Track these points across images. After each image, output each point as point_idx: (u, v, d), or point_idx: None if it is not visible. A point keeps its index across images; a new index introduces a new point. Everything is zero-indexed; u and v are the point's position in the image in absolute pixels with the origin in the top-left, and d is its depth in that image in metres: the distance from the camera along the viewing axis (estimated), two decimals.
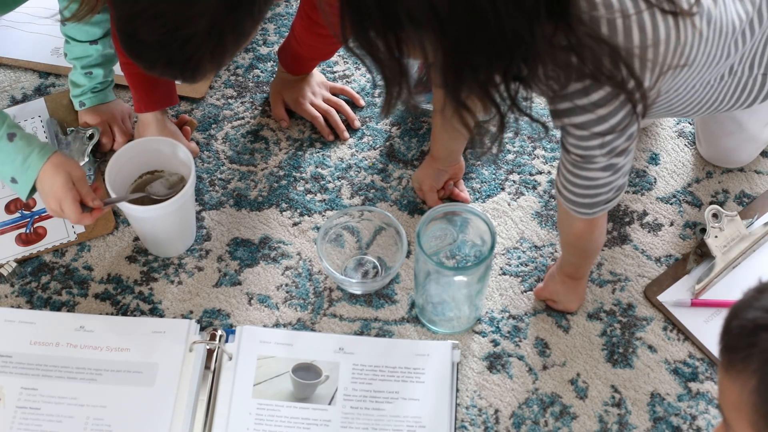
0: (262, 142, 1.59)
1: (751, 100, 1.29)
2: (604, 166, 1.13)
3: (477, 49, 0.94)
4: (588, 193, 1.17)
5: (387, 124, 1.62)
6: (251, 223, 1.49)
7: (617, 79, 1.02)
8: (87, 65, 1.49)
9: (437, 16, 0.91)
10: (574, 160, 1.14)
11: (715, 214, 1.42)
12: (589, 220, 1.22)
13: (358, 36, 0.96)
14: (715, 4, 1.11)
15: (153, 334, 1.34)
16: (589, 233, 1.26)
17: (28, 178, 1.30)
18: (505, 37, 0.93)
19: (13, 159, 1.30)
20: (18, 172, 1.31)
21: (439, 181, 1.49)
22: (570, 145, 1.12)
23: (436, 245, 1.37)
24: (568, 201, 1.20)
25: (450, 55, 0.95)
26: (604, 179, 1.15)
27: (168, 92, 1.49)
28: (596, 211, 1.20)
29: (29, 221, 1.48)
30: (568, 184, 1.18)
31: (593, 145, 1.10)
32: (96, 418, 1.27)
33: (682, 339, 1.38)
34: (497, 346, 1.37)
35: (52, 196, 1.30)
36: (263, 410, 1.28)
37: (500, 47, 0.94)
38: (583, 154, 1.12)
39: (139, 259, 1.45)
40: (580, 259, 1.34)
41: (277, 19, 1.76)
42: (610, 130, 1.07)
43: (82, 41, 1.46)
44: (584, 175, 1.15)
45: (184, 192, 1.34)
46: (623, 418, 1.31)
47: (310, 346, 1.35)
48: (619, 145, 1.10)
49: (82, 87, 1.52)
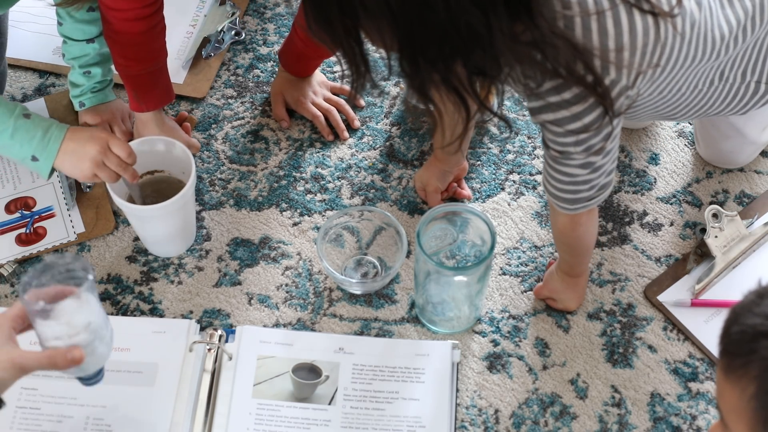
0: (262, 142, 1.59)
1: (744, 106, 1.29)
2: (582, 163, 1.14)
3: (430, 40, 0.94)
4: (568, 188, 1.18)
5: (387, 124, 1.62)
6: (251, 223, 1.49)
7: (584, 79, 1.02)
8: (85, 64, 1.49)
9: (389, 6, 0.92)
10: (553, 156, 1.15)
11: (715, 214, 1.42)
12: (571, 216, 1.23)
13: (318, 23, 0.97)
14: (699, 8, 1.11)
15: (153, 334, 1.34)
16: (572, 229, 1.26)
17: (51, 151, 1.31)
18: (459, 29, 0.92)
19: (33, 135, 1.30)
20: (39, 147, 1.31)
21: (445, 183, 1.49)
22: (548, 141, 1.13)
23: (436, 245, 1.37)
24: (551, 195, 1.22)
25: (405, 46, 0.96)
26: (583, 176, 1.16)
27: (166, 89, 1.49)
28: (578, 207, 1.21)
29: (29, 221, 1.47)
30: (550, 178, 1.19)
31: (568, 142, 1.11)
32: (96, 418, 1.27)
33: (682, 339, 1.38)
34: (497, 346, 1.37)
35: (95, 138, 1.31)
36: (263, 410, 1.28)
37: (455, 40, 0.94)
38: (560, 150, 1.13)
39: (139, 259, 1.45)
40: (570, 256, 1.34)
41: (277, 19, 1.76)
42: (583, 128, 1.08)
43: (79, 40, 1.46)
44: (563, 171, 1.16)
45: (185, 192, 1.34)
46: (623, 418, 1.31)
47: (310, 346, 1.35)
48: (595, 143, 1.11)
49: (81, 87, 1.52)
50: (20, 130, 1.31)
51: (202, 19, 1.72)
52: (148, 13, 1.36)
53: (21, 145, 1.31)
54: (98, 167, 1.33)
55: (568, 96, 1.05)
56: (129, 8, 1.34)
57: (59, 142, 1.32)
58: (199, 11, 1.74)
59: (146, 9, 1.35)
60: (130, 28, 1.37)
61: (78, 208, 1.48)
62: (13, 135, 1.31)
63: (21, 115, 1.31)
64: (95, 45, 1.47)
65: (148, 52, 1.42)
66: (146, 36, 1.39)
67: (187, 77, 1.65)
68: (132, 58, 1.41)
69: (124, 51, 1.40)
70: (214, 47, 1.67)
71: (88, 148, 1.32)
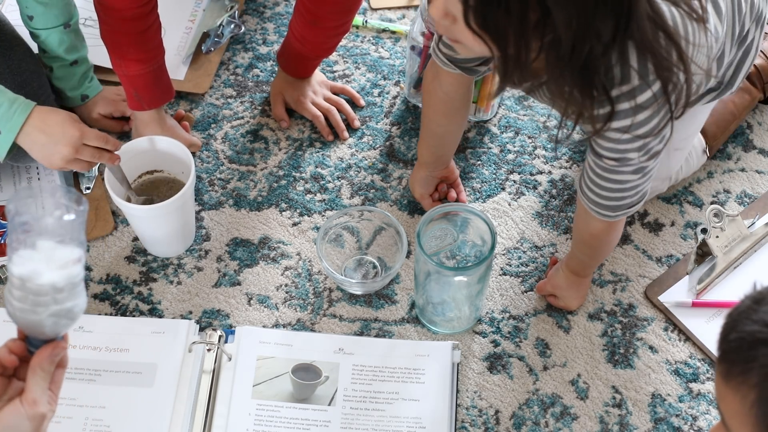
0: (262, 141, 1.59)
1: None
2: (636, 168, 1.13)
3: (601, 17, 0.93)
4: (614, 196, 1.17)
5: (387, 123, 1.61)
6: (251, 223, 1.49)
7: (672, 76, 1.02)
8: (71, 49, 1.47)
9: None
10: (606, 165, 1.13)
11: (717, 214, 1.42)
12: (608, 223, 1.22)
13: (487, 14, 0.94)
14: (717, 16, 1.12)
15: (152, 334, 1.34)
16: (606, 234, 1.25)
17: (15, 123, 1.25)
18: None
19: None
20: (2, 119, 1.25)
21: (429, 187, 1.49)
22: (604, 150, 1.11)
23: (436, 245, 1.36)
24: (591, 203, 1.20)
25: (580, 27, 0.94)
26: (633, 182, 1.15)
27: (166, 87, 1.49)
28: (619, 214, 1.20)
29: (5, 232, 1.46)
30: (594, 186, 1.17)
31: (631, 148, 1.09)
32: (95, 418, 1.27)
33: (683, 339, 1.38)
34: (498, 347, 1.37)
35: (68, 136, 1.26)
36: (263, 411, 1.28)
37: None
38: (618, 157, 1.11)
39: (138, 260, 1.45)
40: (591, 259, 1.33)
41: (276, 18, 1.75)
42: (650, 132, 1.07)
43: (56, 26, 1.43)
44: (615, 179, 1.15)
45: (184, 192, 1.34)
46: (624, 419, 1.31)
47: (310, 346, 1.34)
48: (653, 146, 1.10)
49: (74, 78, 1.50)
50: None
51: (200, 14, 1.72)
52: (146, 12, 1.36)
53: None
54: (69, 163, 1.29)
55: (641, 99, 1.03)
56: (126, 7, 1.34)
57: (24, 115, 1.26)
58: (197, 6, 1.73)
59: (143, 8, 1.35)
60: (128, 28, 1.37)
61: None
62: None
63: None
64: (71, 30, 1.46)
65: (147, 50, 1.41)
66: (144, 35, 1.39)
67: (187, 73, 1.65)
68: (132, 58, 1.40)
69: (124, 51, 1.40)
70: (214, 42, 1.67)
71: (60, 147, 1.27)
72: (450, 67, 1.27)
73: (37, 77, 1.45)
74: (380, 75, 1.68)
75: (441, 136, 1.42)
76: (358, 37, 1.73)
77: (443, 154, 1.46)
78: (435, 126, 1.40)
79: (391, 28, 1.74)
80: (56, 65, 1.49)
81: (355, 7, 1.47)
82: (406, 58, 1.64)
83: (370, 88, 1.66)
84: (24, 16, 1.44)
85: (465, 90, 1.34)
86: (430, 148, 1.44)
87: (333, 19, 1.46)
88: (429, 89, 1.35)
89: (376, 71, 1.68)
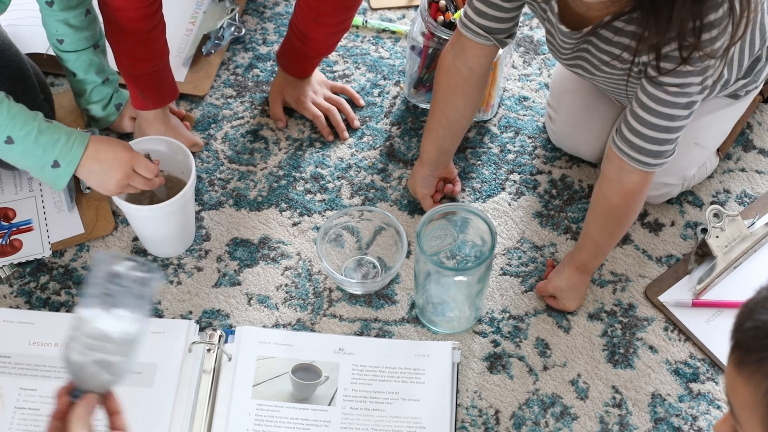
0: (262, 141, 1.59)
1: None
2: (687, 102, 1.15)
3: None
4: (660, 137, 1.18)
5: (387, 123, 1.61)
6: (251, 223, 1.49)
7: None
8: (101, 70, 1.49)
9: None
10: (662, 96, 1.15)
11: (717, 214, 1.42)
12: (645, 174, 1.23)
13: None
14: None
15: (152, 334, 1.34)
16: (638, 193, 1.25)
17: (75, 156, 1.29)
18: None
19: (57, 139, 1.28)
20: (62, 152, 1.28)
21: (430, 187, 1.49)
22: (668, 75, 1.13)
23: (436, 245, 1.36)
24: (633, 149, 1.20)
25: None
26: (680, 122, 1.17)
27: (170, 87, 1.49)
28: (659, 163, 1.21)
29: (6, 233, 1.46)
30: (641, 127, 1.19)
31: (695, 71, 1.12)
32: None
33: (683, 339, 1.38)
34: (498, 347, 1.37)
35: (119, 161, 1.30)
36: (263, 411, 1.28)
37: None
38: (681, 82, 1.14)
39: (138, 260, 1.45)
40: (608, 238, 1.33)
41: (276, 18, 1.75)
42: (716, 51, 1.11)
43: (86, 48, 1.45)
44: (667, 113, 1.16)
45: (184, 192, 1.34)
46: (624, 419, 1.31)
47: (310, 346, 1.34)
48: (710, 76, 1.14)
49: (107, 95, 1.53)
50: (44, 133, 1.27)
51: (201, 16, 1.72)
52: (151, 12, 1.36)
53: (44, 149, 1.27)
54: (124, 188, 1.33)
55: (712, 17, 1.08)
56: (131, 7, 1.34)
57: (83, 147, 1.29)
58: (198, 8, 1.73)
59: (148, 8, 1.35)
60: (135, 27, 1.37)
61: (78, 209, 1.48)
62: (37, 139, 1.27)
63: (44, 120, 1.28)
64: (100, 51, 1.48)
65: (153, 50, 1.42)
66: (150, 34, 1.39)
67: (188, 75, 1.65)
68: (137, 57, 1.41)
69: (130, 51, 1.40)
70: (215, 44, 1.67)
71: (113, 173, 1.31)
72: (482, 37, 1.29)
73: (22, 81, 1.46)
74: (380, 75, 1.68)
75: (453, 122, 1.40)
76: (358, 37, 1.73)
77: (448, 148, 1.46)
78: (451, 110, 1.39)
79: (391, 28, 1.74)
80: (89, 88, 1.50)
81: (355, 4, 1.47)
82: (406, 58, 1.64)
83: (370, 88, 1.66)
84: (53, 39, 1.45)
85: (489, 64, 1.35)
86: (437, 141, 1.44)
87: (334, 16, 1.46)
88: (450, 71, 1.35)
89: (376, 71, 1.68)
